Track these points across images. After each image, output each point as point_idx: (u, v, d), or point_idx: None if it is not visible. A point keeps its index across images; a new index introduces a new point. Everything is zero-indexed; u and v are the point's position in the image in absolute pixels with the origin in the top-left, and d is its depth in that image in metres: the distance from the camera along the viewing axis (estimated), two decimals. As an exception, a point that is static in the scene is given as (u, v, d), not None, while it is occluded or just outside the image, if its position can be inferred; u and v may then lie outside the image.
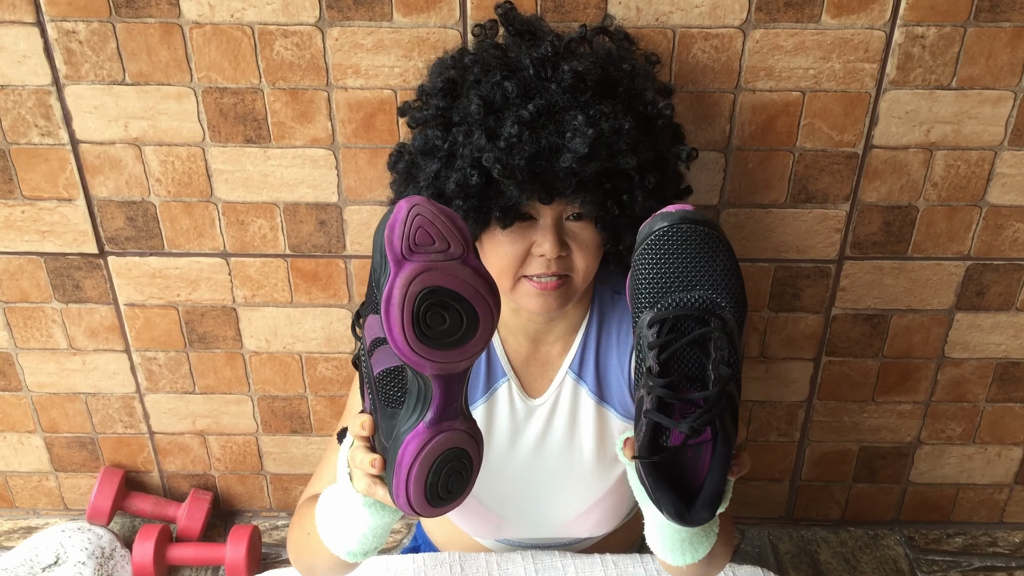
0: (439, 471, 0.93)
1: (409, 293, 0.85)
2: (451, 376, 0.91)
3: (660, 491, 0.94)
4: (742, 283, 0.94)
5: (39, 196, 1.58)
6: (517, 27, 1.26)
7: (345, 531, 1.08)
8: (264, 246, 1.63)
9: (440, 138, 1.18)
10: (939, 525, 2.01)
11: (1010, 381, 1.79)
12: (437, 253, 0.87)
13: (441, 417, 0.92)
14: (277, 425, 1.86)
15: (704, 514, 0.94)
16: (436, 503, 0.95)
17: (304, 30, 1.42)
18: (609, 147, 1.13)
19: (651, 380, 0.92)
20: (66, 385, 1.81)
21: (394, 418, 0.95)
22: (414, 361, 0.88)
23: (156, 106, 1.49)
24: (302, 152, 1.53)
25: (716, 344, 0.91)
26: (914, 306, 1.69)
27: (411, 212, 0.87)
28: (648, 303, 0.94)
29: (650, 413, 0.92)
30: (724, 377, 0.91)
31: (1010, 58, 1.44)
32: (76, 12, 1.41)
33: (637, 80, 1.21)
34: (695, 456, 0.96)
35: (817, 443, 1.88)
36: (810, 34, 1.42)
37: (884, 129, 1.50)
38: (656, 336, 0.92)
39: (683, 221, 0.92)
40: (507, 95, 1.14)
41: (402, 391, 0.95)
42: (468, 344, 0.90)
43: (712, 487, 0.94)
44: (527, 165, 1.11)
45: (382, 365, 0.96)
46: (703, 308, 0.92)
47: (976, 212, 1.59)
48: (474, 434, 0.96)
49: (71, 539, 1.81)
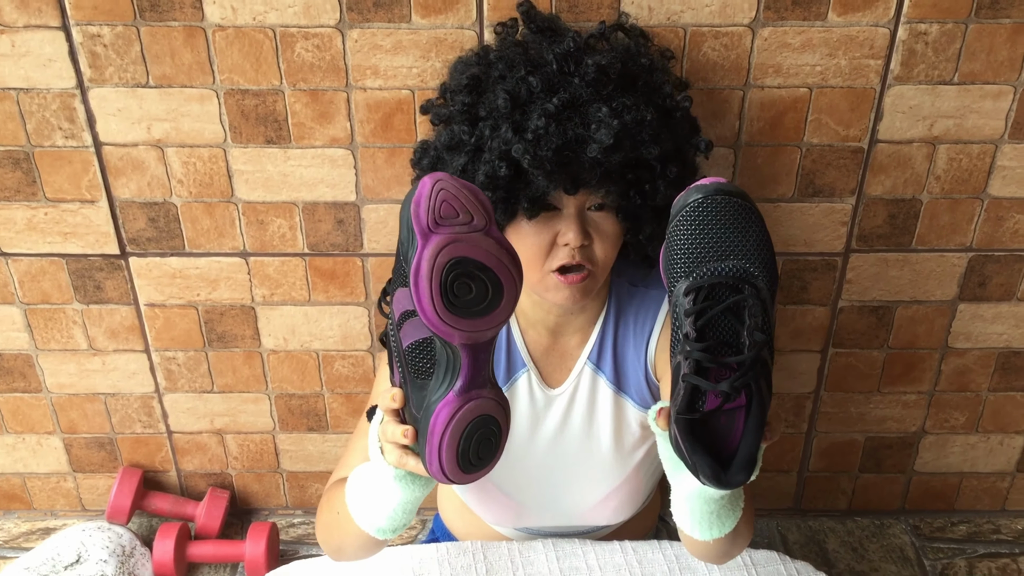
0: (470, 438, 0.96)
1: (437, 264, 0.88)
2: (478, 345, 0.95)
3: (697, 454, 0.96)
4: (774, 254, 0.97)
5: (62, 198, 1.61)
6: (538, 24, 1.30)
7: (375, 507, 1.11)
8: (283, 245, 1.66)
9: (467, 133, 1.21)
10: (944, 514, 2.05)
11: (1012, 370, 1.83)
12: (462, 225, 0.91)
13: (470, 385, 0.95)
14: (294, 423, 1.89)
15: (740, 476, 0.96)
16: (468, 469, 0.98)
17: (324, 32, 1.46)
18: (632, 138, 1.17)
19: (688, 345, 0.94)
20: (86, 386, 1.84)
21: (424, 389, 0.98)
22: (443, 331, 0.91)
23: (179, 108, 1.52)
24: (321, 152, 1.56)
25: (750, 311, 0.94)
26: (918, 297, 1.73)
27: (435, 187, 0.90)
28: (684, 272, 0.96)
29: (688, 377, 0.95)
30: (759, 342, 0.93)
31: (1010, 53, 1.48)
32: (101, 16, 1.44)
33: (656, 74, 1.25)
34: (728, 422, 0.98)
35: (824, 434, 1.92)
36: (817, 32, 1.46)
37: (889, 124, 1.54)
38: (692, 304, 0.95)
39: (718, 192, 0.95)
40: (532, 89, 1.18)
41: (431, 362, 0.98)
42: (494, 312, 0.93)
43: (748, 448, 0.96)
44: (554, 156, 1.14)
45: (411, 338, 0.99)
46: (737, 276, 0.94)
47: (978, 204, 1.63)
48: (501, 401, 0.99)
49: (92, 538, 1.83)
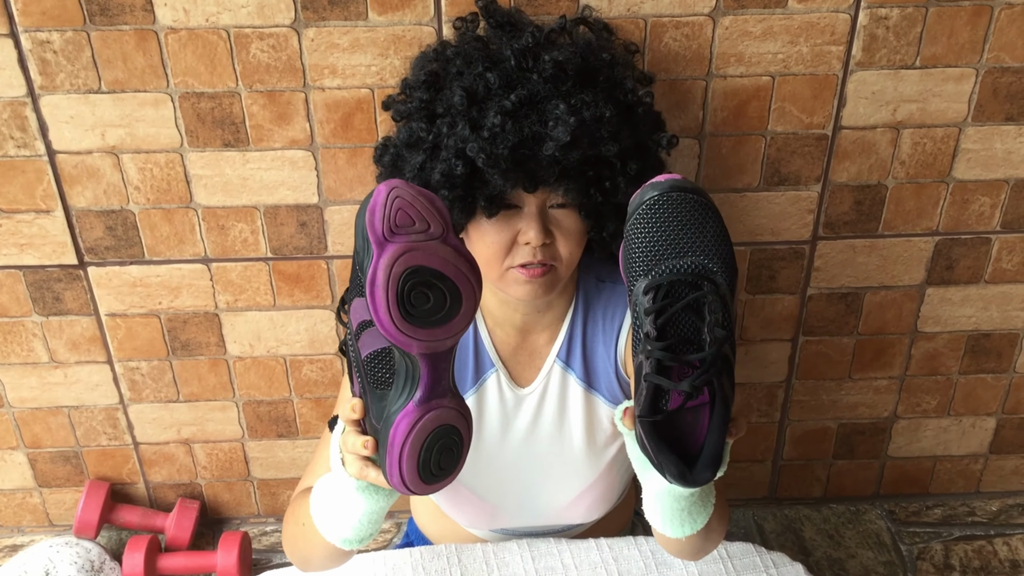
0: (431, 448, 0.95)
1: (393, 273, 0.87)
2: (438, 354, 0.93)
3: (662, 453, 0.96)
4: (732, 249, 0.96)
5: (16, 209, 1.58)
6: (498, 19, 1.28)
7: (340, 518, 1.10)
8: (245, 250, 1.63)
9: (424, 130, 1.20)
10: (918, 497, 2.06)
11: (981, 352, 1.84)
12: (418, 233, 0.89)
13: (430, 395, 0.93)
14: (263, 430, 1.86)
15: (706, 474, 0.96)
16: (429, 480, 0.96)
17: (280, 32, 1.43)
18: (591, 135, 1.15)
19: (649, 345, 0.94)
20: (48, 399, 1.80)
21: (384, 399, 0.97)
22: (401, 341, 0.90)
23: (133, 113, 1.49)
24: (281, 154, 1.54)
25: (710, 307, 0.94)
26: (886, 283, 1.73)
27: (391, 194, 0.88)
28: (643, 271, 0.96)
29: (650, 376, 0.94)
30: (719, 339, 0.93)
31: (971, 36, 1.48)
32: (50, 22, 1.41)
33: (617, 69, 1.23)
34: (693, 420, 0.98)
35: (797, 422, 1.92)
36: (778, 19, 1.45)
37: (852, 110, 1.54)
38: (652, 302, 0.94)
39: (673, 189, 0.94)
40: (489, 86, 1.16)
41: (390, 372, 0.97)
42: (453, 321, 0.92)
43: (712, 447, 0.96)
44: (510, 154, 1.13)
45: (369, 348, 0.98)
46: (696, 273, 0.94)
47: (943, 188, 1.63)
48: (463, 411, 0.98)
49: (60, 554, 1.80)
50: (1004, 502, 2.05)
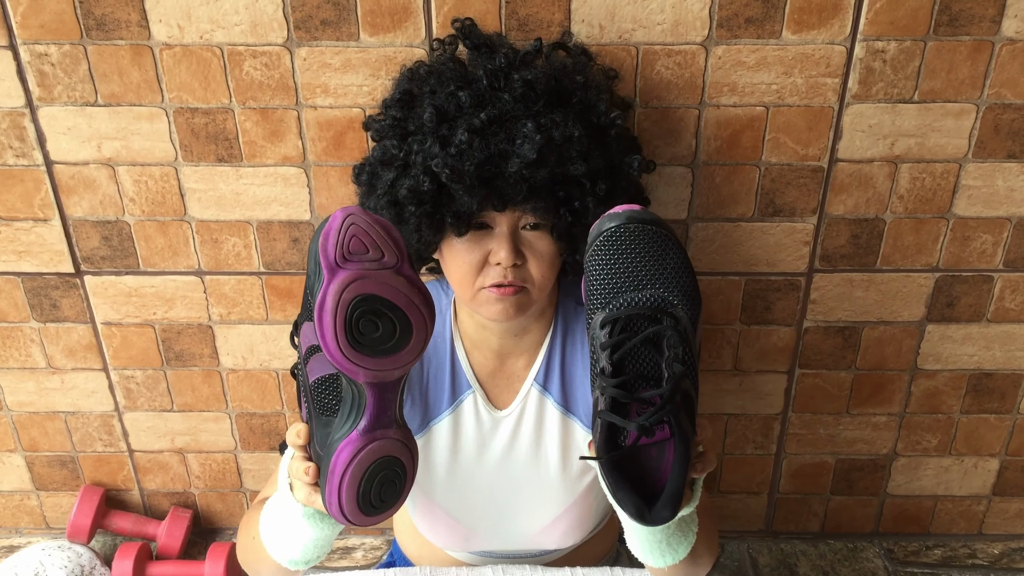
0: (371, 479, 0.93)
1: (342, 300, 0.86)
2: (385, 384, 0.92)
3: (620, 491, 0.94)
4: (695, 280, 0.94)
5: (15, 216, 1.60)
6: (474, 41, 1.29)
7: (287, 541, 1.09)
8: (238, 264, 1.64)
9: (396, 147, 1.20)
10: (918, 537, 2.01)
11: (984, 392, 1.80)
12: (371, 262, 0.89)
13: (375, 425, 0.93)
14: (255, 442, 1.87)
15: (664, 513, 0.94)
16: (369, 511, 0.95)
17: (272, 50, 1.44)
18: (559, 154, 1.15)
19: (604, 381, 0.92)
20: (45, 404, 1.83)
21: (328, 426, 0.96)
22: (347, 368, 0.89)
23: (128, 127, 1.51)
24: (274, 171, 1.54)
25: (669, 342, 0.92)
26: (885, 318, 1.70)
27: (346, 221, 0.88)
28: (600, 304, 0.94)
29: (603, 413, 0.93)
30: (677, 374, 0.91)
31: (971, 71, 1.46)
32: (48, 35, 1.43)
33: (591, 92, 1.23)
34: (658, 455, 0.96)
35: (794, 455, 1.89)
36: (772, 50, 1.43)
37: (848, 143, 1.52)
38: (608, 336, 0.93)
39: (631, 221, 0.93)
40: (460, 105, 1.16)
41: (337, 399, 0.96)
42: (401, 352, 0.90)
43: (672, 486, 0.93)
44: (476, 170, 1.13)
45: (317, 373, 0.97)
46: (655, 307, 0.92)
47: (943, 224, 1.60)
48: (408, 443, 0.96)
49: (51, 557, 1.82)
50: (1007, 545, 2.00)
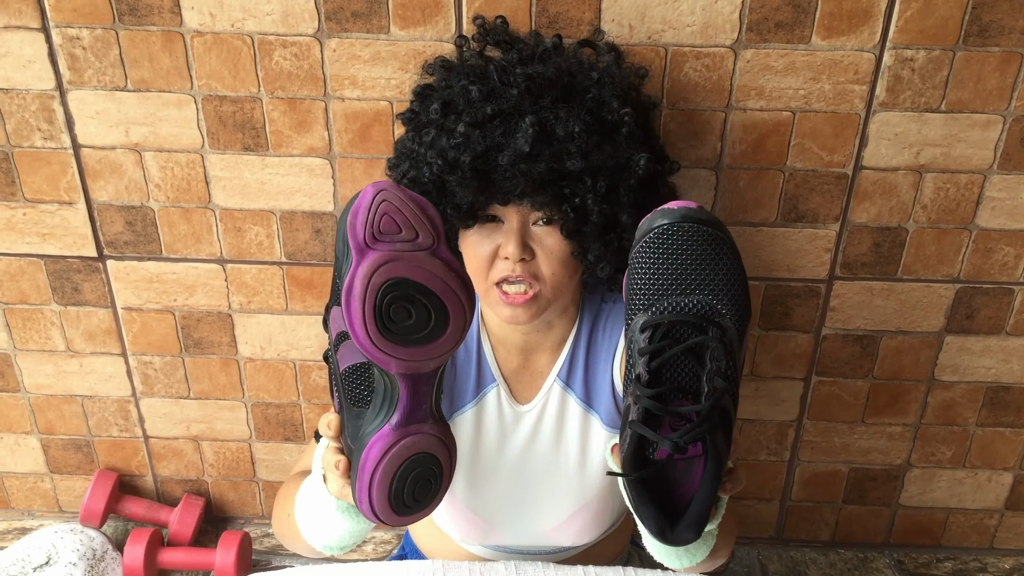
0: (405, 477, 0.87)
1: (371, 284, 0.80)
2: (419, 375, 0.85)
3: (643, 506, 0.88)
4: (747, 290, 0.88)
5: (40, 199, 1.61)
6: (494, 38, 1.29)
7: (321, 528, 1.09)
8: (260, 253, 1.65)
9: (411, 139, 1.23)
10: (929, 549, 2.01)
11: (1000, 405, 1.79)
12: (404, 242, 0.82)
13: (408, 419, 0.86)
14: (270, 432, 1.88)
15: (688, 535, 0.89)
16: (401, 511, 0.89)
17: (303, 41, 1.45)
18: (556, 149, 1.14)
19: (639, 389, 0.86)
20: (63, 387, 1.83)
21: (360, 418, 0.90)
22: (378, 358, 0.83)
23: (157, 112, 1.52)
24: (299, 161, 1.55)
25: (712, 354, 0.85)
26: (904, 328, 1.70)
27: (377, 197, 0.81)
28: (643, 305, 0.87)
29: (635, 425, 0.86)
30: (718, 390, 0.84)
31: (999, 83, 1.45)
32: (80, 19, 1.44)
33: (604, 89, 1.22)
34: (686, 469, 0.90)
35: (807, 463, 1.89)
36: (800, 55, 1.43)
37: (874, 150, 1.52)
38: (648, 342, 0.86)
39: (685, 220, 0.86)
40: (470, 99, 1.17)
41: (368, 389, 0.89)
42: (437, 342, 0.84)
43: (699, 507, 0.88)
44: (470, 163, 1.13)
45: (348, 361, 0.91)
46: (701, 314, 0.85)
47: (966, 235, 1.60)
48: (445, 439, 0.90)
49: (63, 540, 1.83)
50: (1018, 560, 1.99)
